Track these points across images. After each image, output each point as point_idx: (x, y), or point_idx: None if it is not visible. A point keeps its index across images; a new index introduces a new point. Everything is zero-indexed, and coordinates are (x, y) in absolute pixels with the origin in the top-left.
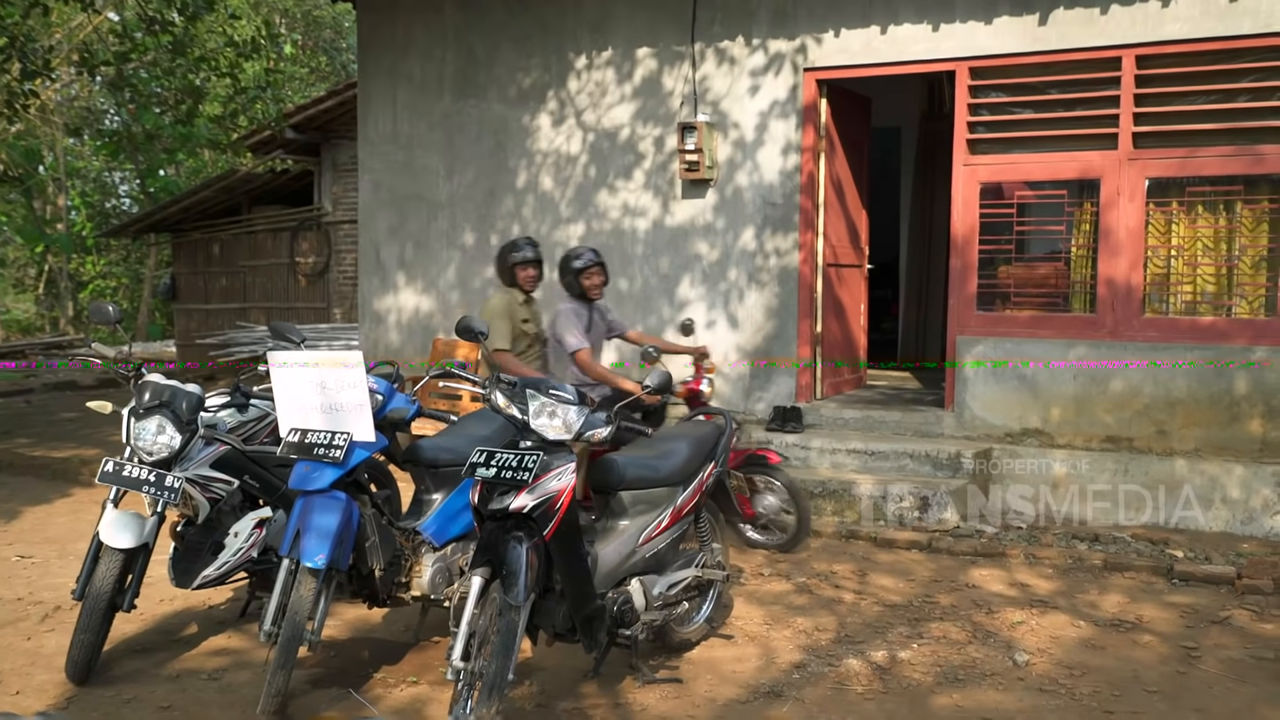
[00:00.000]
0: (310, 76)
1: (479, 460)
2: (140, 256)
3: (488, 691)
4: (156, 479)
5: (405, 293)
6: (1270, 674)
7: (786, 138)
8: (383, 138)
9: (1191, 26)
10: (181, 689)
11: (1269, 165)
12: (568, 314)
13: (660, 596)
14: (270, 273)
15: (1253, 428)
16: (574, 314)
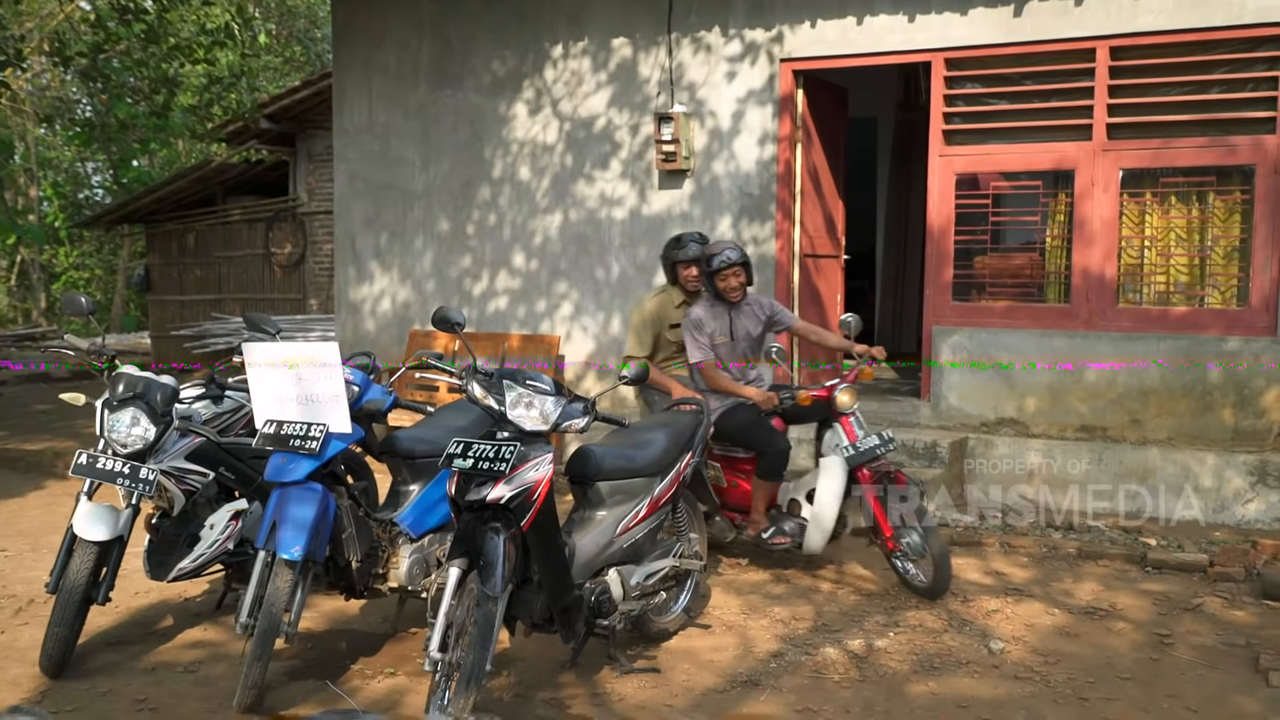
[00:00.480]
0: (285, 66)
1: (456, 451)
2: (114, 248)
3: (465, 682)
4: (131, 471)
5: (381, 283)
6: (1241, 660)
7: (763, 128)
8: (358, 128)
9: (1165, 18)
10: (157, 682)
11: (1241, 156)
12: (693, 322)
13: (638, 586)
14: (245, 264)
15: (1224, 417)
16: (700, 321)
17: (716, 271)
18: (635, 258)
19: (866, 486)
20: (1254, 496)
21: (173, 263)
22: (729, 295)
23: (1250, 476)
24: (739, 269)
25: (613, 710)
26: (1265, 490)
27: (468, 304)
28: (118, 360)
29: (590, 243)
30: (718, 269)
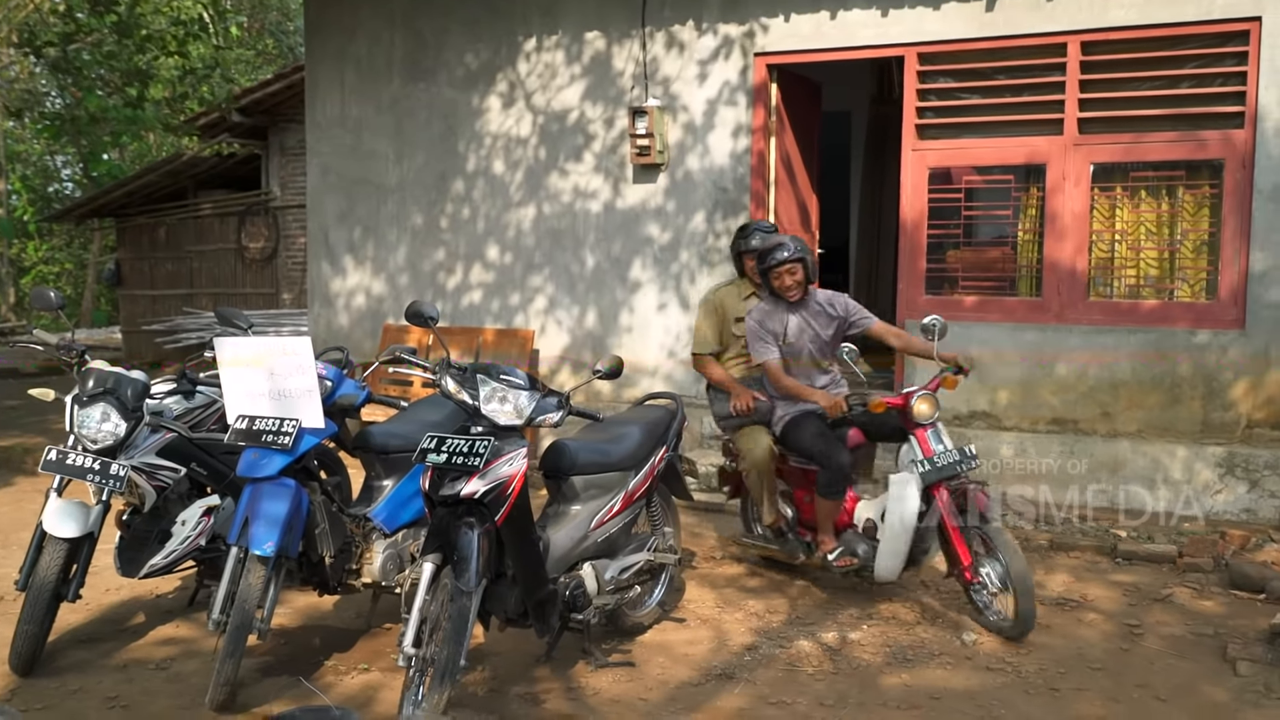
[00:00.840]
0: (257, 59)
1: (430, 446)
2: (84, 242)
3: (440, 678)
4: (101, 467)
5: (355, 277)
6: (1210, 650)
7: (737, 121)
8: (331, 121)
9: (1136, 13)
10: (129, 679)
11: (1210, 151)
12: (754, 319)
13: (612, 581)
14: (217, 258)
15: (1194, 409)
16: (763, 318)
17: (770, 269)
18: (610, 252)
19: (942, 508)
20: (1223, 488)
21: (144, 257)
22: (785, 294)
23: (1219, 468)
24: (795, 266)
25: (587, 704)
26: (1233, 482)
27: (442, 298)
28: (88, 355)
29: (564, 236)
30: (771, 266)
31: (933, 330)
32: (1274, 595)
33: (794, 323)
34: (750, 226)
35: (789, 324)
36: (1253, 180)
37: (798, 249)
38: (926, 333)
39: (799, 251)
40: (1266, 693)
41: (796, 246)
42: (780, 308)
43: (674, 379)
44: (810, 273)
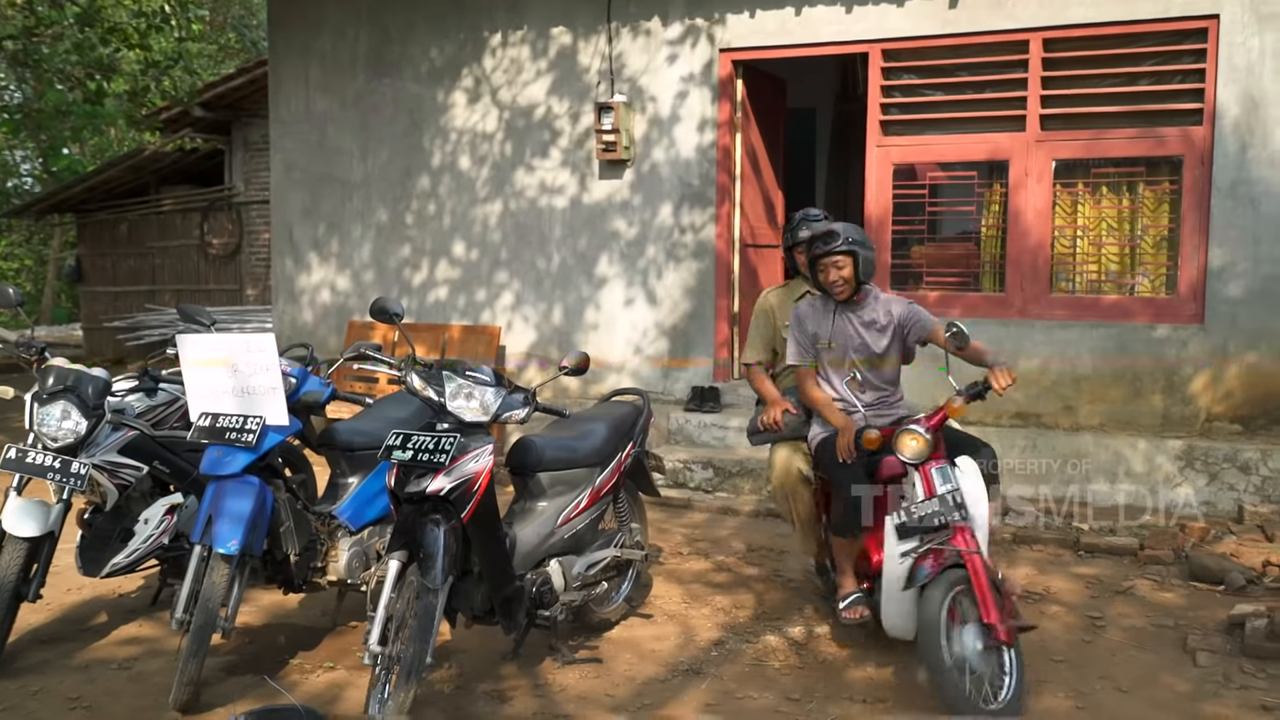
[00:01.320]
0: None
1: (395, 443)
2: (44, 238)
3: (406, 675)
4: (62, 465)
5: (319, 274)
6: (1170, 641)
7: (703, 117)
8: (295, 117)
9: (1095, 10)
10: (91, 679)
11: (1170, 148)
12: (795, 317)
13: (579, 577)
14: (180, 254)
15: (1154, 403)
16: (804, 316)
17: (816, 259)
18: (576, 247)
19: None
20: (1183, 481)
21: (105, 253)
22: (831, 291)
23: (1179, 461)
24: (844, 259)
25: (555, 701)
26: (1193, 475)
27: (407, 294)
28: (47, 353)
29: (531, 232)
30: (816, 255)
31: (960, 338)
32: (1232, 587)
33: (839, 326)
34: (797, 217)
35: (833, 326)
36: (1211, 177)
37: (849, 238)
38: (955, 339)
39: (850, 243)
40: (1225, 683)
41: (849, 236)
42: (828, 307)
43: (640, 375)
44: (864, 269)
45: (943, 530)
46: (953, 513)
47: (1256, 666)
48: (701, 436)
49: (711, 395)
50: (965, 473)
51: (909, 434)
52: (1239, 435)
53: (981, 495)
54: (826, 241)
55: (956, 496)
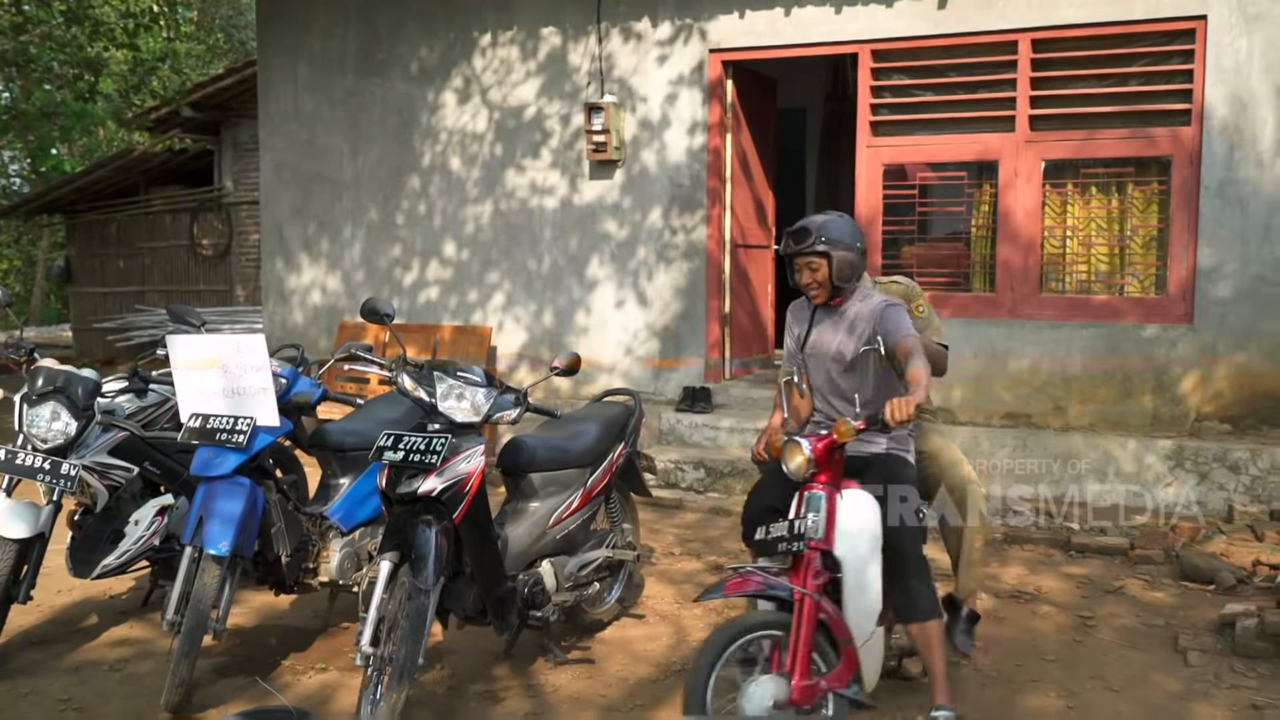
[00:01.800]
0: (207, 54)
1: (386, 444)
2: (33, 238)
3: (398, 676)
4: (51, 467)
5: (310, 274)
6: (1161, 640)
7: (693, 118)
8: (284, 116)
9: (1086, 11)
10: (82, 681)
11: (1159, 148)
12: (787, 322)
13: (571, 577)
14: (170, 254)
15: (1144, 403)
16: (789, 322)
17: (788, 257)
18: (566, 248)
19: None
20: (1173, 480)
21: (94, 254)
22: (806, 294)
23: (1169, 461)
24: (817, 260)
25: (547, 702)
26: (1183, 474)
27: (398, 295)
28: (36, 354)
29: (521, 233)
30: (788, 254)
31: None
32: (1223, 586)
33: (817, 331)
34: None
35: (811, 331)
36: (1200, 177)
37: (822, 237)
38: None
39: (825, 241)
40: (1216, 682)
41: (822, 234)
42: (808, 309)
43: (631, 376)
44: (838, 272)
45: (785, 558)
46: (792, 542)
47: (1247, 665)
48: (693, 437)
49: (703, 396)
50: (852, 507)
51: (791, 445)
52: (1228, 435)
53: (864, 536)
54: (798, 239)
55: (800, 526)
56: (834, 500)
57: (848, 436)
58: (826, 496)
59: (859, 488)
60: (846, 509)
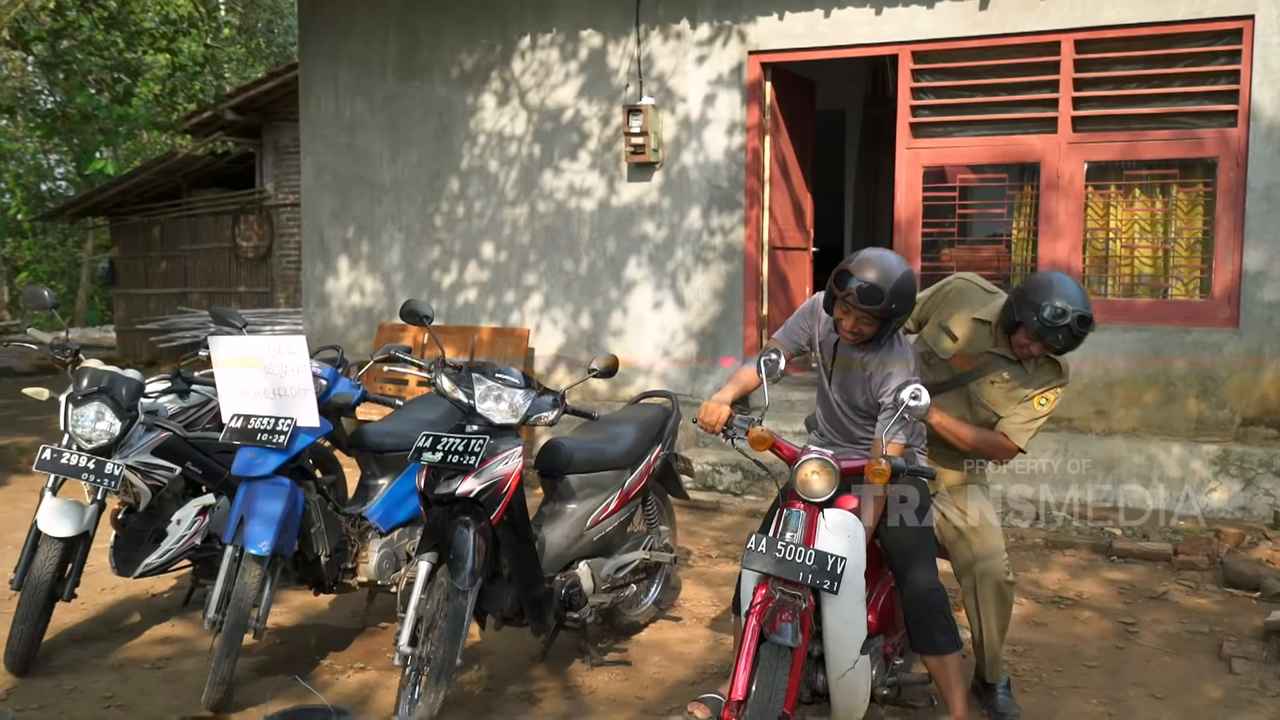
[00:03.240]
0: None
1: (425, 445)
2: (78, 241)
3: (436, 676)
4: (96, 466)
5: (350, 276)
6: (1204, 648)
7: (731, 119)
8: (325, 120)
9: (1129, 12)
10: (124, 679)
11: (1205, 149)
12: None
13: (608, 579)
14: (211, 256)
15: (1189, 407)
16: (809, 315)
17: (841, 299)
18: (604, 250)
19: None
20: (1217, 486)
21: (138, 256)
22: (838, 331)
23: (1214, 466)
24: (873, 317)
25: (584, 703)
26: (1228, 480)
27: (437, 297)
28: (81, 354)
29: (559, 235)
30: (845, 299)
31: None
32: (1268, 593)
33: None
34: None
35: (828, 343)
36: (1246, 179)
37: (893, 304)
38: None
39: (894, 309)
40: (1261, 690)
41: (894, 300)
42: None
43: (669, 378)
44: (887, 330)
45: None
46: (806, 570)
47: None
48: None
49: (740, 398)
50: (832, 528)
51: (823, 466)
52: (1275, 440)
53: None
54: (867, 299)
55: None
56: (815, 520)
57: (879, 480)
58: (807, 516)
59: (843, 505)
60: (826, 531)
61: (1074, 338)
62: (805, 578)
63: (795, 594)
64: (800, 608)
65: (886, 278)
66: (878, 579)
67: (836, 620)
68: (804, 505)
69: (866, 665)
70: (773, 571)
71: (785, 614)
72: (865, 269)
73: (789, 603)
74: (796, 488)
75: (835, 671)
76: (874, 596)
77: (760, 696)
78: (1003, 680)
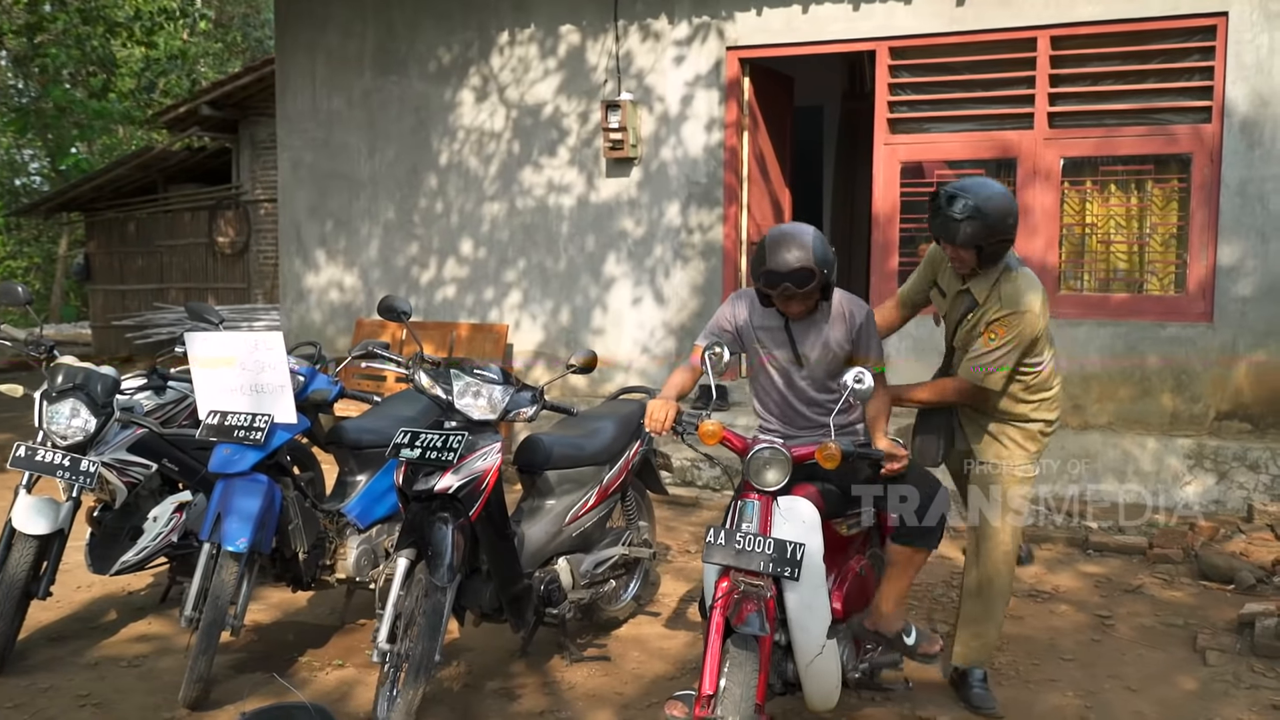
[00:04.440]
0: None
1: (403, 441)
2: (53, 236)
3: (415, 673)
4: (71, 463)
5: (327, 272)
6: (1179, 640)
7: (710, 115)
8: (302, 115)
9: (1104, 8)
10: (100, 677)
11: (1179, 145)
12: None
13: (587, 575)
14: (188, 252)
15: (1164, 402)
16: (737, 304)
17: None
18: (583, 246)
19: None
20: (1192, 480)
21: (113, 251)
22: (788, 313)
23: (1188, 460)
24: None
25: (563, 699)
26: (1202, 474)
27: (415, 293)
28: (56, 351)
29: (538, 231)
30: (777, 291)
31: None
32: (1242, 586)
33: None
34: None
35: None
36: (1220, 174)
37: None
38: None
39: (825, 275)
40: (1235, 682)
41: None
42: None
43: (648, 374)
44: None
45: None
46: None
47: (1266, 666)
48: None
49: (719, 393)
50: (788, 515)
51: (776, 455)
52: (1248, 434)
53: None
54: (799, 282)
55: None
56: (770, 509)
57: (830, 464)
58: (762, 505)
59: (801, 493)
60: (782, 519)
61: (952, 220)
62: (765, 566)
63: (757, 584)
64: (764, 597)
65: (808, 252)
66: (840, 564)
67: (800, 606)
68: (759, 495)
69: (835, 650)
70: (732, 563)
71: (750, 604)
72: (782, 255)
73: (752, 593)
74: (750, 478)
75: (804, 658)
76: (838, 582)
77: (731, 689)
78: (979, 673)
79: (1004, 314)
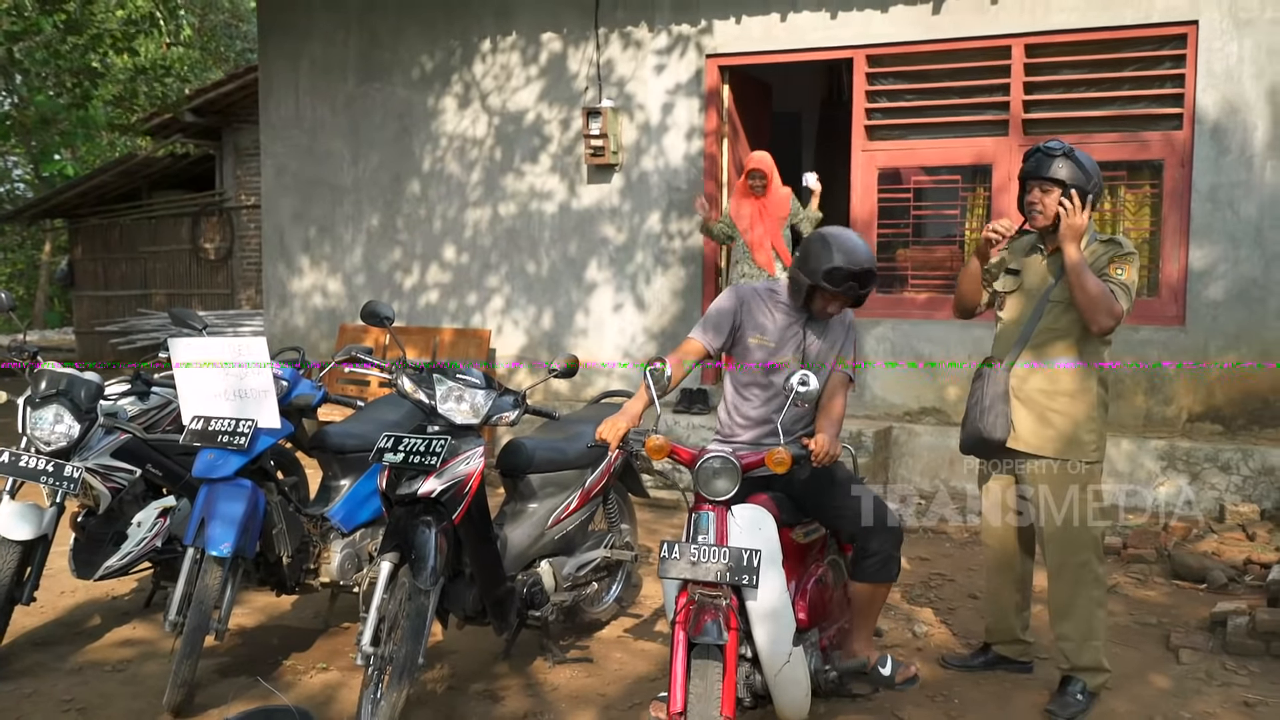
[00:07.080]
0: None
1: (386, 445)
2: (36, 243)
3: (398, 675)
4: (55, 469)
5: (311, 278)
6: (1153, 639)
7: (690, 122)
8: (285, 122)
9: (1077, 16)
10: (84, 681)
11: (1151, 151)
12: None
13: (570, 577)
14: (172, 258)
15: (1136, 404)
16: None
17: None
18: (566, 252)
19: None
20: (1165, 480)
21: (97, 258)
22: (813, 312)
23: (1161, 461)
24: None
25: (547, 700)
26: (1175, 474)
27: (398, 298)
28: (40, 357)
29: (520, 236)
30: (829, 291)
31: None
32: (1214, 585)
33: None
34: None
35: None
36: (1191, 180)
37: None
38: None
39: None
40: (1208, 680)
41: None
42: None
43: (630, 378)
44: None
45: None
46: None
47: (1238, 663)
48: (690, 438)
49: (700, 397)
50: (743, 524)
51: (725, 465)
52: (1220, 435)
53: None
54: (865, 283)
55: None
56: (724, 518)
57: (780, 469)
58: (716, 516)
59: (756, 502)
60: (737, 527)
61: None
62: (722, 576)
63: (715, 594)
64: (722, 606)
65: (872, 258)
66: (799, 572)
67: (762, 614)
68: (711, 506)
69: (802, 658)
70: (689, 576)
71: (707, 615)
72: (854, 255)
73: (709, 603)
74: (700, 489)
75: (771, 668)
76: (799, 591)
77: (697, 704)
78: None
79: (1123, 253)
